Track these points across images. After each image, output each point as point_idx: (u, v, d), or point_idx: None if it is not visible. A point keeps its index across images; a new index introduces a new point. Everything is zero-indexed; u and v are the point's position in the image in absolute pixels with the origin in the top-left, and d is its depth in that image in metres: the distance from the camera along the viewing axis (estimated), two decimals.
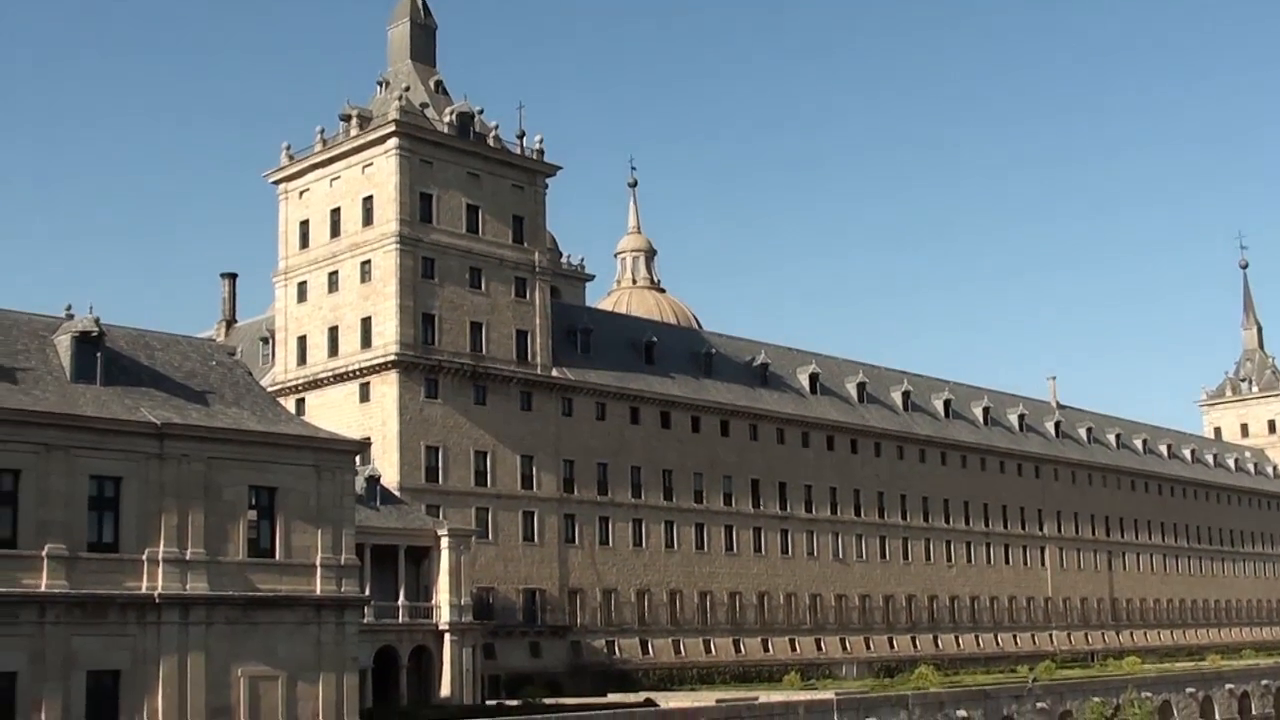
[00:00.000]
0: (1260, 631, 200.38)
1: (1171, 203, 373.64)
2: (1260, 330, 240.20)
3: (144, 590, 53.64)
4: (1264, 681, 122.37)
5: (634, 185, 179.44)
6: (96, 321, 57.62)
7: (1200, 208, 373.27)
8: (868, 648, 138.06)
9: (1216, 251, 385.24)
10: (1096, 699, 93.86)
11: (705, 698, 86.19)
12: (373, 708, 74.91)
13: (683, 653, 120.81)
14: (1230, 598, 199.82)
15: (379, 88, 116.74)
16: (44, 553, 51.25)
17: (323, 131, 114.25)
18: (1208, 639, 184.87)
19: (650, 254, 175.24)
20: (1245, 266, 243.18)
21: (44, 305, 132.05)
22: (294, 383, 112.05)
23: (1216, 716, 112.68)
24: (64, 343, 57.00)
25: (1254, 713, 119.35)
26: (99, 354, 57.05)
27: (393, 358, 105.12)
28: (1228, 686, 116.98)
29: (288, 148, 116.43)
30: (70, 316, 58.97)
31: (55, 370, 56.14)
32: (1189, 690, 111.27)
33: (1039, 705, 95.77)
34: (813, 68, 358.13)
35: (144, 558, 53.86)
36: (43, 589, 51.09)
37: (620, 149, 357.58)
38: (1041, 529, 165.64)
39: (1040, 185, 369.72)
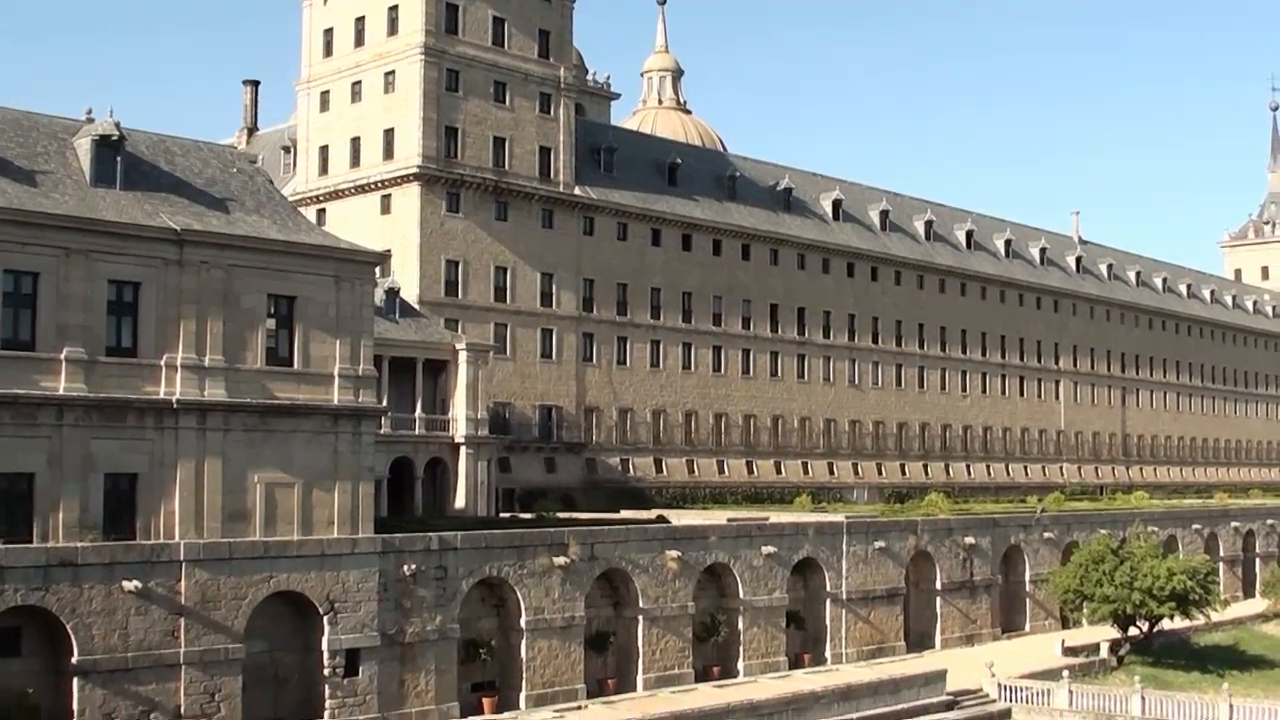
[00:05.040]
0: (1268, 472, 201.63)
1: (1203, 42, 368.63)
2: None
3: (162, 395, 53.97)
4: (1269, 521, 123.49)
5: (663, 2, 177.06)
6: (117, 125, 57.20)
7: (1232, 48, 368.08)
8: (879, 474, 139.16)
9: (1246, 92, 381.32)
10: (1103, 531, 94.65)
11: (717, 516, 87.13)
12: (387, 517, 75.81)
13: (696, 472, 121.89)
14: (1241, 438, 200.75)
15: None
16: (63, 356, 51.52)
17: None
18: (1216, 477, 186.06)
19: (677, 74, 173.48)
20: (1276, 109, 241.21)
21: (64, 108, 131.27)
22: (315, 193, 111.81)
23: (1221, 553, 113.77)
24: (84, 146, 56.69)
25: (1257, 550, 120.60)
26: (119, 158, 56.72)
27: (415, 170, 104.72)
28: (1233, 524, 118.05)
29: None
30: (90, 120, 58.54)
31: (75, 174, 55.94)
32: (1195, 526, 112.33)
33: (1046, 535, 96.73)
34: None
35: (162, 363, 54.13)
36: (61, 392, 51.44)
37: None
38: (1057, 363, 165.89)
39: (1070, 18, 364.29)
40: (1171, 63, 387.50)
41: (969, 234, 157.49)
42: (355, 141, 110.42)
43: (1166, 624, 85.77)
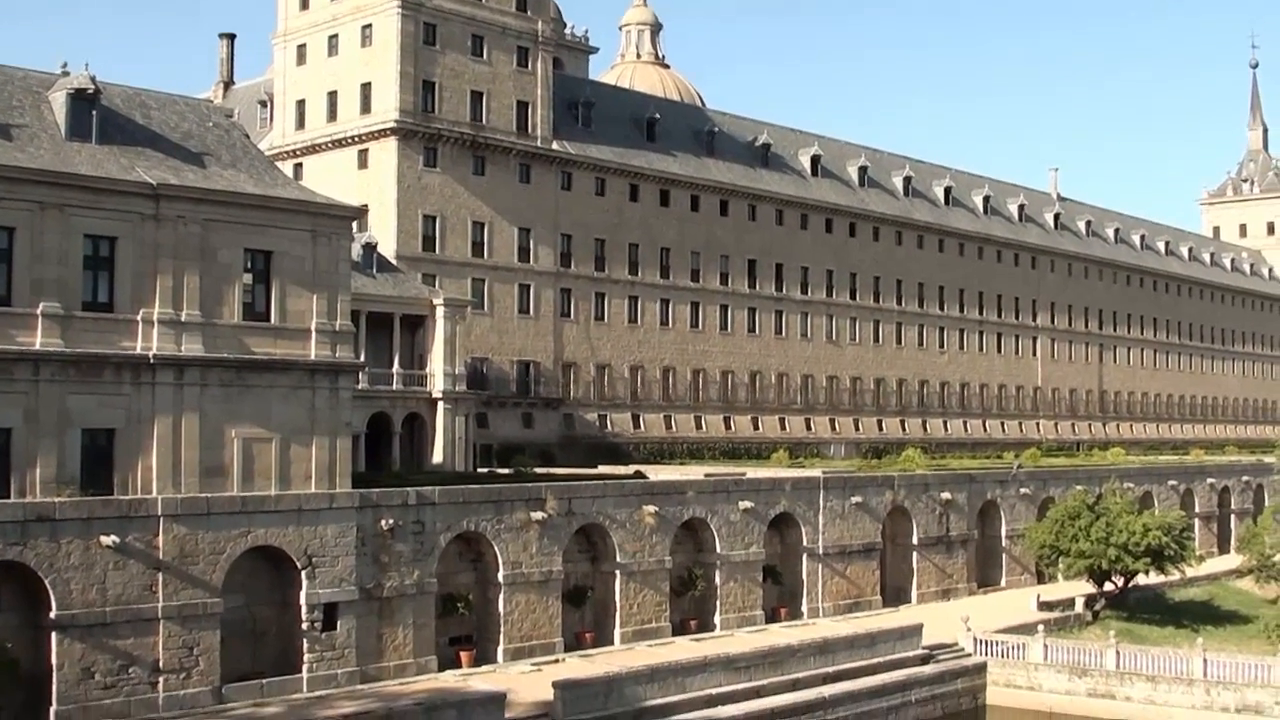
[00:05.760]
0: (1244, 429, 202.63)
1: None
2: (1266, 131, 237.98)
3: (139, 350, 53.77)
4: (1244, 478, 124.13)
5: None
6: (92, 79, 56.84)
7: (1212, 5, 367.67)
8: (856, 429, 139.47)
9: (1227, 50, 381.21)
10: (1079, 487, 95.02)
11: (694, 471, 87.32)
12: (365, 472, 75.82)
13: (674, 428, 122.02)
14: (1217, 395, 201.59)
15: None
16: (39, 311, 51.27)
17: None
18: (1192, 434, 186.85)
19: (655, 28, 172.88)
20: (1255, 66, 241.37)
21: (38, 62, 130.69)
22: (292, 147, 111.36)
23: (1196, 509, 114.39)
24: (59, 100, 56.32)
25: (1232, 507, 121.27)
26: (94, 112, 56.35)
27: (392, 125, 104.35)
28: (1209, 481, 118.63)
29: None
30: (66, 73, 58.19)
31: (50, 128, 55.60)
32: (1170, 483, 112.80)
33: (1022, 491, 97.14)
34: None
35: (139, 318, 53.90)
36: (37, 347, 51.18)
37: None
38: (1035, 319, 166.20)
39: None
40: (1152, 19, 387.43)
41: (947, 190, 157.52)
42: (332, 95, 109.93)
43: (1141, 579, 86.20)
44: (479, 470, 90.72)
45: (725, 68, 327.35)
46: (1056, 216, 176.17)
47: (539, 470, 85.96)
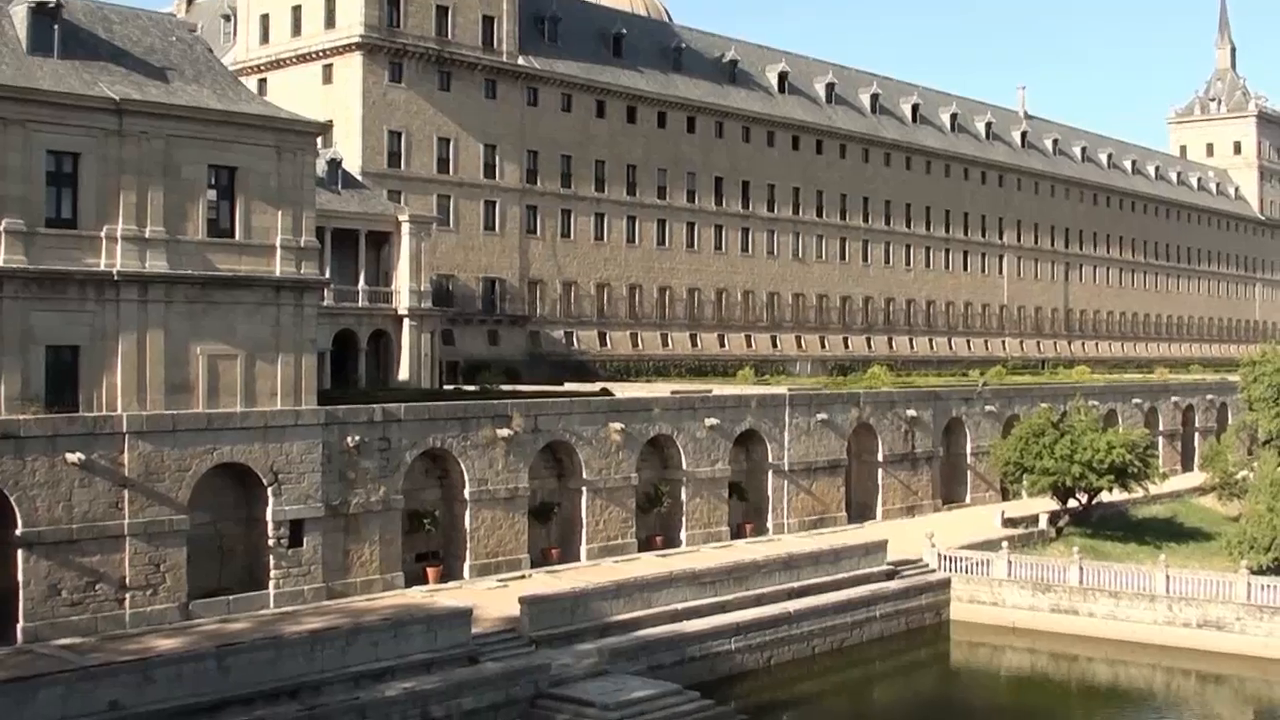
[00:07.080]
0: (1209, 348, 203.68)
1: None
2: (1234, 50, 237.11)
3: (102, 267, 53.49)
4: (1208, 396, 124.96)
5: None
6: None
7: None
8: (823, 347, 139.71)
9: None
10: (1044, 404, 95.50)
11: (660, 389, 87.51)
12: (331, 389, 75.74)
13: (640, 346, 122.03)
14: (1182, 314, 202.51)
15: None
16: (2, 227, 50.90)
17: None
18: (1158, 353, 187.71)
19: None
20: None
21: None
22: (256, 62, 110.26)
23: (1160, 427, 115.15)
24: (19, 14, 55.62)
25: (1196, 425, 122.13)
26: (56, 26, 55.69)
27: (357, 39, 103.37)
28: (1173, 399, 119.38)
29: None
30: None
31: (10, 42, 54.95)
32: (1135, 401, 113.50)
33: (987, 408, 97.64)
34: None
35: (102, 235, 53.59)
36: (1, 264, 50.95)
37: None
38: (1001, 238, 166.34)
39: None
40: None
41: (914, 108, 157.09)
42: (296, 10, 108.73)
43: (1105, 496, 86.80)
44: (445, 387, 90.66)
45: None
46: (1024, 135, 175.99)
47: (505, 387, 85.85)
